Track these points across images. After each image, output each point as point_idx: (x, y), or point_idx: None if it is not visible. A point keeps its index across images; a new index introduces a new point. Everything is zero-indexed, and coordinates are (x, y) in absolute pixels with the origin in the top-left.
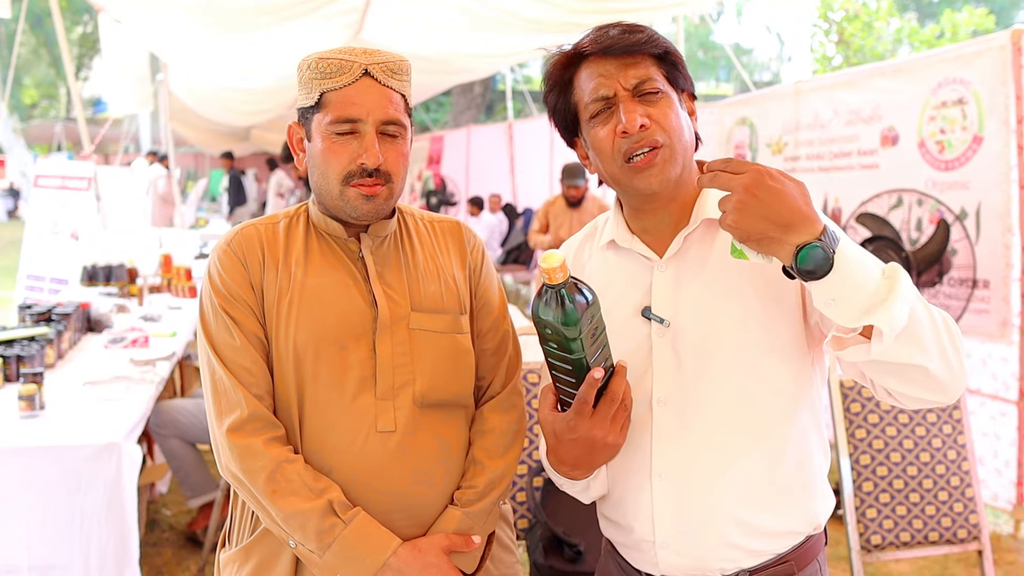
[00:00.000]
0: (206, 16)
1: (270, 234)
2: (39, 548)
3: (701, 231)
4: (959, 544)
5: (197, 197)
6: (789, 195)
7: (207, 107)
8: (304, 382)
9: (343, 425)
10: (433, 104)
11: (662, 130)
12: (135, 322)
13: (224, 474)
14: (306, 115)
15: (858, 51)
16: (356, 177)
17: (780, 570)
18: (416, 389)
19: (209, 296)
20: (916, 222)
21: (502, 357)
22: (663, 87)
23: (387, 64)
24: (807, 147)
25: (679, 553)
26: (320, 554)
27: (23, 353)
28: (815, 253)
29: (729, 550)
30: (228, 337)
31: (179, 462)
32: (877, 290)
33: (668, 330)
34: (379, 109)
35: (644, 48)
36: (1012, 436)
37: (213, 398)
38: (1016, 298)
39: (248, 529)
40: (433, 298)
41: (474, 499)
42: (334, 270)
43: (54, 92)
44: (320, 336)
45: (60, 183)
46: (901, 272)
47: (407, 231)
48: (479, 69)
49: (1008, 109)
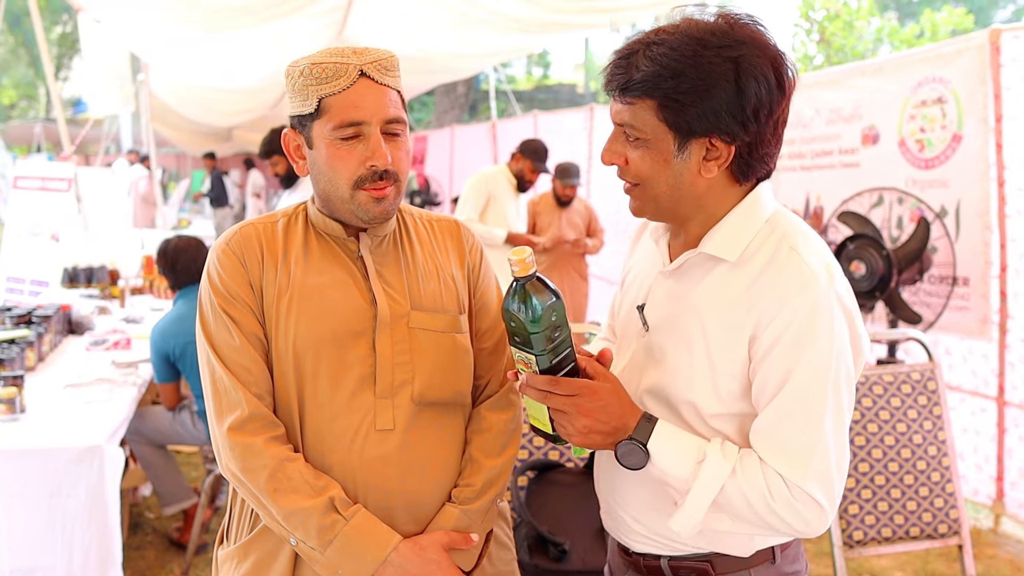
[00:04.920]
0: (187, 15)
1: (269, 233)
2: (21, 551)
3: (700, 259)
4: (940, 539)
5: (179, 198)
6: (608, 408)
7: (189, 107)
8: (304, 381)
9: (342, 423)
10: (416, 104)
11: (633, 175)
12: (117, 324)
13: (224, 473)
14: (304, 122)
15: (839, 50)
16: (368, 181)
17: (697, 567)
18: (415, 388)
19: (208, 296)
20: (897, 220)
21: (500, 356)
22: (647, 134)
23: (380, 62)
24: (789, 146)
25: (610, 526)
26: (321, 551)
27: (3, 356)
28: (627, 449)
29: (646, 540)
30: (228, 337)
31: (152, 469)
32: (684, 480)
33: (647, 334)
34: (381, 109)
35: (626, 94)
36: (992, 432)
37: (213, 398)
38: (995, 295)
39: (247, 526)
40: (432, 297)
41: (472, 497)
42: (333, 269)
43: (33, 92)
44: (320, 335)
45: (40, 184)
46: (702, 473)
47: (406, 230)
48: (462, 68)
49: (987, 107)
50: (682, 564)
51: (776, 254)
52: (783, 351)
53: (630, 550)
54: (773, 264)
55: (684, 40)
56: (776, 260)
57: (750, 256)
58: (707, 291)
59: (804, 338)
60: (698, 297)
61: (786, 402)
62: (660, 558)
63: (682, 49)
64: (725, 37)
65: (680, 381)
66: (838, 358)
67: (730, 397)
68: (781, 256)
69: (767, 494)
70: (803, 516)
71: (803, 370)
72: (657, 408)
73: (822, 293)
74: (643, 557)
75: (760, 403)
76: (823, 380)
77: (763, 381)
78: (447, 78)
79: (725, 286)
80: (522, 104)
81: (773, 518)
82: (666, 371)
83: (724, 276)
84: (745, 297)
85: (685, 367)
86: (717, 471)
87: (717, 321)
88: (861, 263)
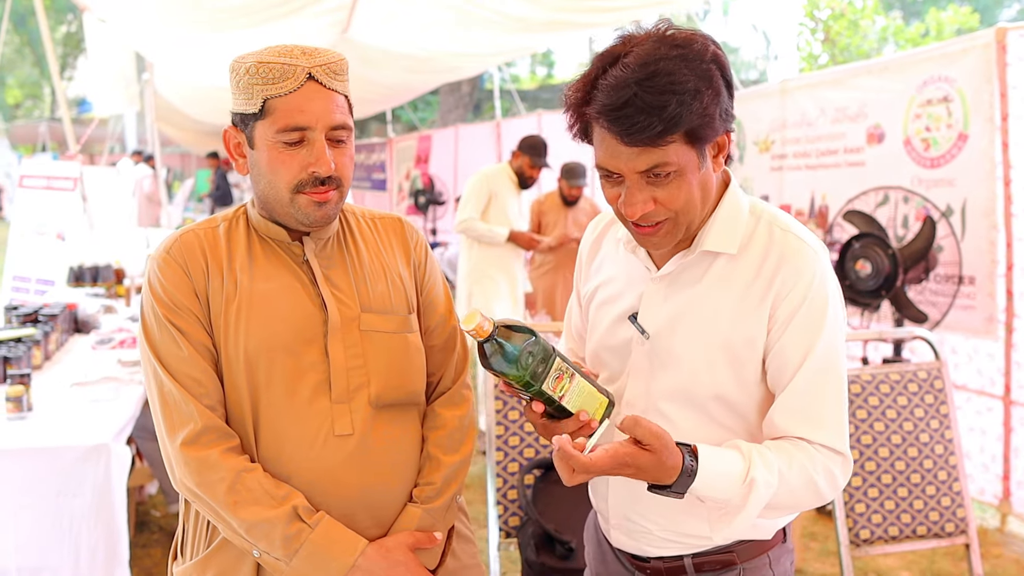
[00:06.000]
0: (192, 15)
1: (211, 239)
2: (28, 550)
3: (697, 258)
4: (947, 538)
5: (184, 197)
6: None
7: (193, 106)
8: (258, 389)
9: (299, 431)
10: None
11: (667, 210)
12: (122, 323)
13: (179, 489)
14: (246, 121)
15: (844, 49)
16: (308, 186)
17: (722, 559)
18: (371, 391)
19: (151, 306)
20: (902, 219)
21: (451, 352)
22: (679, 163)
23: (330, 65)
24: (794, 145)
25: (625, 534)
26: (287, 561)
27: (10, 355)
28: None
29: (668, 543)
30: (174, 348)
31: (159, 467)
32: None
33: (647, 341)
34: (327, 115)
35: (664, 135)
36: (998, 431)
37: (163, 412)
38: (1001, 294)
39: (204, 541)
40: (382, 298)
41: (433, 496)
42: (280, 274)
43: (38, 92)
44: (271, 342)
45: (45, 183)
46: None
47: (349, 230)
48: (467, 68)
49: (993, 106)
50: (706, 560)
51: (772, 238)
52: (801, 326)
53: (647, 556)
54: (773, 247)
55: (673, 61)
56: (775, 243)
57: (746, 245)
58: (712, 286)
59: (819, 311)
60: (704, 294)
61: (813, 374)
62: (683, 558)
63: (681, 70)
64: (690, 43)
65: (702, 379)
66: (841, 322)
67: (755, 384)
68: (777, 239)
69: (812, 480)
70: (837, 481)
71: (822, 341)
72: (679, 410)
73: (822, 265)
74: (663, 560)
75: (782, 379)
76: (837, 346)
77: (783, 358)
78: (451, 77)
79: (731, 278)
80: (526, 103)
81: (813, 497)
82: (681, 372)
83: (726, 269)
84: (756, 283)
85: (703, 364)
86: (767, 489)
87: (732, 312)
88: (867, 262)
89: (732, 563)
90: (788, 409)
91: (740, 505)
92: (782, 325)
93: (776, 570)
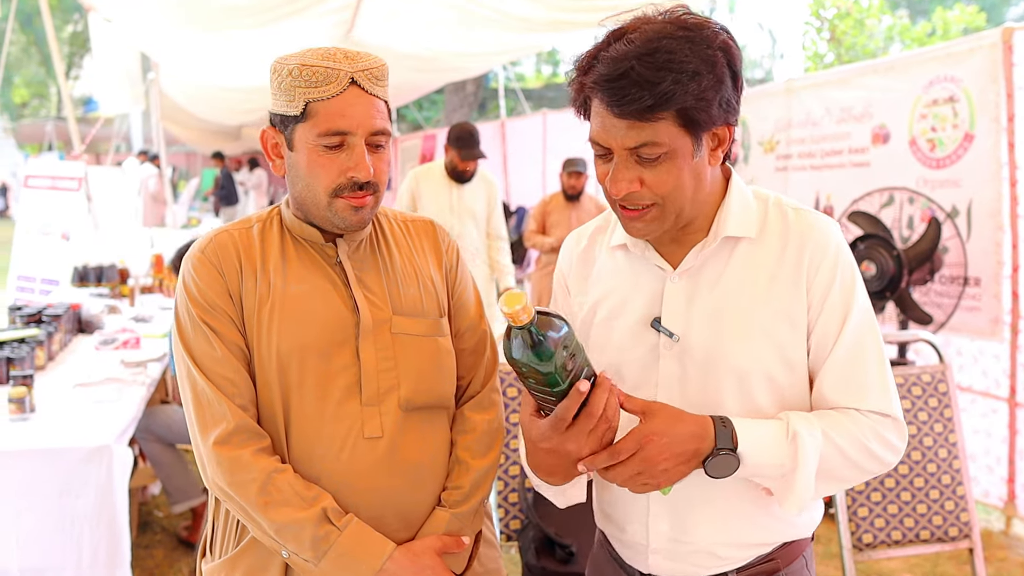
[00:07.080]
0: (197, 15)
1: (245, 240)
2: (30, 551)
3: (718, 248)
4: (950, 542)
5: (189, 196)
6: (677, 438)
7: (198, 106)
8: (289, 391)
9: (330, 433)
10: (426, 102)
11: (654, 194)
12: (126, 323)
13: (211, 488)
14: (287, 123)
15: (850, 49)
16: (346, 190)
17: (766, 568)
18: (401, 394)
19: (186, 306)
20: (907, 220)
21: (480, 356)
22: (670, 145)
23: (371, 71)
24: (799, 145)
25: (669, 559)
26: (315, 562)
27: (13, 355)
28: (717, 462)
29: (717, 559)
30: (208, 348)
31: (161, 467)
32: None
33: (676, 344)
34: (368, 120)
35: (655, 111)
36: (1003, 433)
37: (196, 411)
38: (1007, 295)
39: (233, 540)
40: (413, 301)
41: (460, 500)
42: (314, 276)
43: (44, 91)
44: (304, 344)
45: (50, 183)
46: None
47: (382, 233)
48: (471, 67)
49: (999, 107)
50: (750, 571)
51: (786, 219)
52: (837, 296)
53: None
54: (792, 227)
55: (677, 41)
56: (792, 223)
57: (763, 228)
58: (739, 274)
59: (849, 279)
60: (732, 283)
61: (852, 342)
62: (726, 574)
63: (683, 50)
64: (700, 28)
65: (746, 367)
66: (865, 286)
67: (801, 365)
68: (792, 218)
69: (863, 444)
70: (894, 444)
71: (856, 307)
72: (721, 406)
73: (839, 235)
74: None
75: (823, 352)
76: (869, 309)
77: (823, 331)
78: (456, 76)
79: (756, 263)
80: (531, 102)
81: (871, 462)
82: (722, 367)
83: (749, 254)
84: (784, 265)
85: (745, 354)
86: (813, 440)
87: (767, 296)
88: (871, 263)
89: (776, 571)
90: (833, 381)
91: (793, 465)
92: (820, 300)
93: (811, 569)
